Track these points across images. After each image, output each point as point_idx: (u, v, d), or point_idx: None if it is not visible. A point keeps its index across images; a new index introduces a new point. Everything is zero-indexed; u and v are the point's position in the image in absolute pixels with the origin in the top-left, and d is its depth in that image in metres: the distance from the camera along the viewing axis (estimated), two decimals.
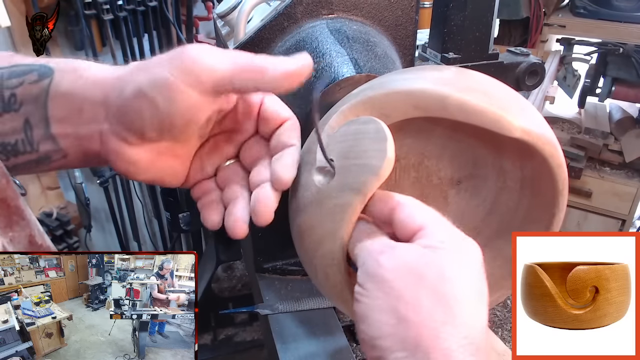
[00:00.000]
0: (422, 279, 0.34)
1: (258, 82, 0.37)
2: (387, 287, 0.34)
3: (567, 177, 0.42)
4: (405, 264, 0.34)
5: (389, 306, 0.33)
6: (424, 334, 0.32)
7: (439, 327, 0.32)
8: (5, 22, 1.22)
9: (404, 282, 0.34)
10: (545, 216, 0.45)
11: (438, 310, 0.32)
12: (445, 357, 0.31)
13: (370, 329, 0.34)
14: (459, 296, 0.33)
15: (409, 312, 0.33)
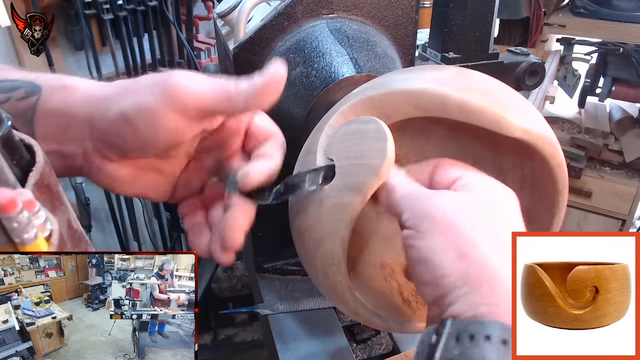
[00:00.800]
0: (476, 216, 0.35)
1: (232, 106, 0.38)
2: (445, 226, 0.35)
3: (567, 177, 0.42)
4: (459, 204, 0.36)
5: (450, 244, 0.34)
6: (486, 270, 0.33)
7: (500, 264, 0.33)
8: (5, 22, 1.22)
9: (462, 220, 0.35)
10: (545, 216, 0.45)
11: (497, 246, 0.34)
12: (506, 292, 0.32)
13: (433, 269, 0.34)
14: (507, 236, 0.35)
15: (470, 248, 0.34)
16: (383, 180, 0.38)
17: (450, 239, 0.34)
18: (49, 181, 0.31)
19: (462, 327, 0.31)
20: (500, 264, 0.33)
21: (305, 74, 0.57)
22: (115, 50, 1.62)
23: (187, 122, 0.37)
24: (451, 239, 0.34)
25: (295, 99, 0.58)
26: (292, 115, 0.59)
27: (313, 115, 0.55)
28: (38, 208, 0.27)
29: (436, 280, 0.34)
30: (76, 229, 0.34)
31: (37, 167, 0.30)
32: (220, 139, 0.43)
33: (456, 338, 0.31)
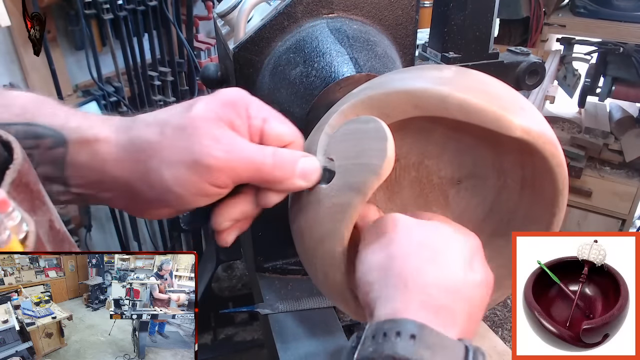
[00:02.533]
0: (412, 230, 0.39)
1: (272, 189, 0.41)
2: (381, 233, 0.39)
3: (567, 176, 0.42)
4: (399, 220, 0.40)
5: (380, 246, 0.38)
6: (406, 267, 0.36)
7: (423, 264, 0.36)
8: (5, 22, 1.22)
9: (397, 230, 0.39)
10: (546, 216, 0.45)
11: (424, 252, 0.37)
12: (420, 289, 0.35)
13: (362, 267, 0.39)
14: (444, 247, 0.38)
15: (397, 249, 0.37)
16: (383, 180, 0.38)
17: (383, 243, 0.38)
18: (27, 179, 0.30)
19: (378, 326, 0.34)
20: (426, 268, 0.36)
21: (305, 73, 0.57)
22: (115, 50, 1.62)
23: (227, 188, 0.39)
24: (384, 242, 0.38)
25: (295, 98, 0.58)
26: (292, 114, 0.59)
27: (313, 115, 0.55)
28: (12, 208, 0.26)
29: (363, 277, 0.38)
30: (59, 230, 0.33)
31: (15, 164, 0.29)
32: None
33: (372, 337, 0.34)
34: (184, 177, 0.37)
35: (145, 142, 0.38)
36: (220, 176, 0.37)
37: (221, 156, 0.37)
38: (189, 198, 0.38)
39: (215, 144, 0.37)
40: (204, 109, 0.38)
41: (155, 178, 0.38)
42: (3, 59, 1.42)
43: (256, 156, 0.38)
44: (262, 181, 0.39)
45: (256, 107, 0.41)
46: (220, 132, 0.38)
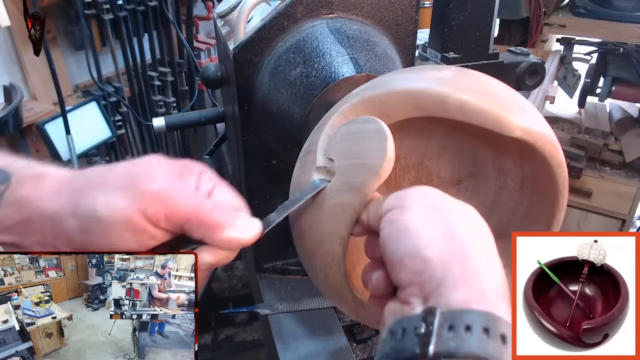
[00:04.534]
0: (462, 209, 0.35)
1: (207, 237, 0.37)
2: (431, 204, 0.34)
3: (567, 176, 0.42)
4: (443, 195, 0.36)
5: (437, 219, 0.33)
6: (475, 250, 0.32)
7: (486, 249, 0.33)
8: (5, 22, 1.22)
9: (448, 204, 0.35)
10: (546, 216, 0.45)
11: (483, 241, 0.33)
12: (493, 276, 0.31)
13: (417, 239, 0.32)
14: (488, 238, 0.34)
15: (457, 228, 0.33)
16: (383, 180, 0.38)
17: (435, 213, 0.33)
18: None
19: (455, 316, 0.29)
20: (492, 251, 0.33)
21: (305, 73, 0.57)
22: (115, 50, 1.62)
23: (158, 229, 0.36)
24: (437, 214, 0.33)
25: (295, 98, 0.58)
26: (292, 115, 0.59)
27: (313, 115, 0.55)
28: None
29: (418, 252, 0.32)
30: None
31: None
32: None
33: (449, 328, 0.28)
34: (114, 202, 0.35)
35: (93, 175, 0.37)
36: (154, 206, 0.35)
37: (160, 186, 0.36)
38: (114, 231, 0.35)
39: (160, 176, 0.36)
40: (157, 158, 0.38)
41: (85, 204, 0.35)
42: (3, 59, 1.43)
43: (197, 197, 0.37)
44: (198, 223, 0.36)
45: (209, 175, 0.40)
46: (167, 172, 0.37)
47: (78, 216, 0.35)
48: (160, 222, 0.36)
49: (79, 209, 0.35)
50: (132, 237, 0.36)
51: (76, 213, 0.35)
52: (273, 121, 0.63)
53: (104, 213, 0.35)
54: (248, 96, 0.65)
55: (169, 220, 0.36)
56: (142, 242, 0.36)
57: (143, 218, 0.35)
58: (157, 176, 0.36)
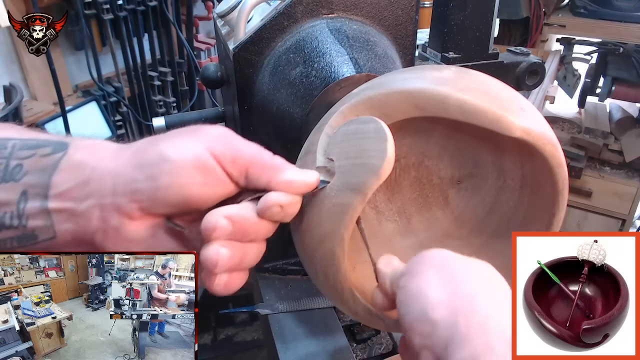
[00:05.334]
0: (471, 267, 0.35)
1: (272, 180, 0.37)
2: (439, 266, 0.35)
3: (567, 176, 0.42)
4: (453, 255, 0.36)
5: (442, 281, 0.33)
6: (480, 308, 0.31)
7: (492, 305, 0.32)
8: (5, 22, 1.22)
9: (456, 265, 0.35)
10: (546, 216, 0.45)
11: (488, 294, 0.33)
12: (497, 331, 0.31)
13: (424, 302, 0.33)
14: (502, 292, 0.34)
15: (462, 286, 0.33)
16: (383, 180, 0.38)
17: (442, 276, 0.34)
18: None
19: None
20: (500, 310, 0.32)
21: (305, 73, 0.57)
22: (115, 50, 1.62)
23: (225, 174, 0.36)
24: (443, 275, 0.34)
25: (295, 98, 0.58)
26: (292, 115, 0.59)
27: (313, 115, 0.55)
28: None
29: (425, 315, 0.32)
30: None
31: None
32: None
33: None
34: (182, 143, 0.35)
35: (149, 139, 0.37)
36: (220, 146, 0.36)
37: (222, 132, 0.37)
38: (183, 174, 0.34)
39: (220, 127, 0.37)
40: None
41: (150, 153, 0.35)
42: (3, 59, 1.43)
43: (256, 145, 0.38)
44: (262, 167, 0.37)
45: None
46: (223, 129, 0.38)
47: (144, 164, 0.35)
48: (227, 163, 0.36)
49: (145, 158, 0.35)
50: (202, 178, 0.35)
51: (141, 163, 0.35)
52: (273, 121, 0.63)
53: (173, 153, 0.35)
54: (248, 96, 0.65)
55: (235, 163, 0.36)
56: (210, 185, 0.36)
57: (212, 157, 0.35)
58: (218, 127, 0.37)
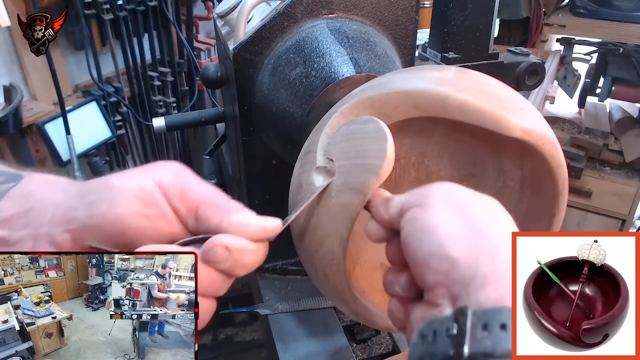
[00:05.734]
0: (486, 204, 0.33)
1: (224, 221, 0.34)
2: (454, 200, 0.33)
3: (567, 177, 0.42)
4: (466, 190, 0.34)
5: (460, 216, 0.31)
6: (502, 246, 0.30)
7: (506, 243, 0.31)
8: (5, 22, 1.22)
9: (471, 199, 0.33)
10: (545, 216, 0.45)
11: (507, 235, 0.32)
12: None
13: (441, 237, 0.31)
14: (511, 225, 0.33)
15: (483, 224, 0.31)
16: (383, 180, 0.38)
17: (460, 210, 0.32)
18: None
19: (489, 315, 0.27)
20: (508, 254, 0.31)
21: (305, 74, 0.57)
22: (115, 50, 1.62)
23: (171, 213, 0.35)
24: (461, 210, 0.32)
25: (295, 99, 0.58)
26: (292, 115, 0.59)
27: (313, 115, 0.55)
28: None
29: (443, 251, 0.30)
30: None
31: None
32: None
33: (483, 327, 0.27)
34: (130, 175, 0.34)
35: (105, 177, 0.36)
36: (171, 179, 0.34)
37: (178, 167, 0.36)
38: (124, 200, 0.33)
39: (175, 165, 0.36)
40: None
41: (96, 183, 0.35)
42: (3, 59, 1.43)
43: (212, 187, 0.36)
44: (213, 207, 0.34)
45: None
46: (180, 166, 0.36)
47: (85, 193, 0.34)
48: (175, 198, 0.34)
49: (88, 188, 0.35)
50: (143, 209, 0.33)
51: (83, 193, 0.34)
52: (273, 121, 0.63)
53: (116, 182, 0.34)
54: (248, 96, 0.65)
55: (184, 199, 0.34)
56: (152, 219, 0.34)
57: (158, 190, 0.34)
58: (176, 163, 0.36)
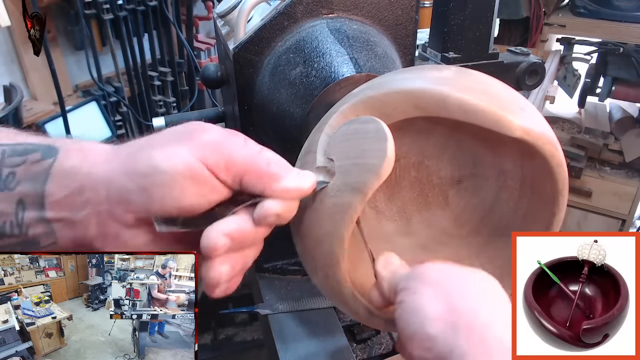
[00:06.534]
0: (467, 280, 0.37)
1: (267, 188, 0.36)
2: (434, 281, 0.37)
3: (567, 176, 0.42)
4: (449, 269, 0.38)
5: (438, 297, 0.35)
6: (477, 320, 0.34)
7: (490, 315, 0.34)
8: (5, 22, 1.22)
9: (452, 279, 0.37)
10: (546, 216, 0.45)
11: (486, 305, 0.35)
12: (496, 342, 0.33)
13: (416, 318, 0.35)
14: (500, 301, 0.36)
15: (458, 301, 0.35)
16: (383, 180, 0.38)
17: (438, 292, 0.36)
18: None
19: None
20: (494, 320, 0.34)
21: (305, 73, 0.57)
22: (115, 50, 1.62)
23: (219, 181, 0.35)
24: (440, 291, 0.36)
25: (295, 98, 0.58)
26: (292, 115, 0.59)
27: (313, 115, 0.55)
28: None
29: (424, 330, 0.34)
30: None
31: None
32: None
33: None
34: (174, 152, 0.34)
35: (142, 140, 0.36)
36: (214, 156, 0.34)
37: (217, 137, 0.35)
38: (177, 184, 0.33)
39: (214, 130, 0.36)
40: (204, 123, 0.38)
41: (143, 160, 0.34)
42: (3, 59, 1.43)
43: (251, 150, 0.37)
44: (257, 175, 0.36)
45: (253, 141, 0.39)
46: (219, 129, 0.37)
47: (136, 174, 0.34)
48: (220, 172, 0.35)
49: (137, 167, 0.34)
50: (196, 189, 0.34)
51: (134, 172, 0.34)
52: (273, 121, 0.63)
53: (165, 165, 0.34)
54: (248, 96, 0.65)
55: (229, 171, 0.35)
56: (204, 195, 0.35)
57: (205, 167, 0.34)
58: (212, 129, 0.36)
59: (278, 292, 0.76)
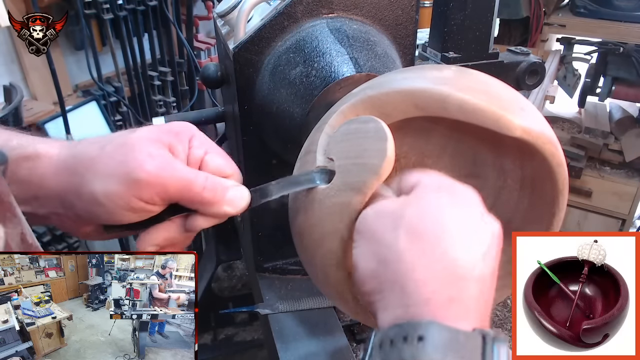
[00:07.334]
0: (399, 220, 0.35)
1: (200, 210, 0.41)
2: (368, 234, 0.37)
3: (567, 176, 0.42)
4: (384, 211, 0.37)
5: (370, 251, 0.36)
6: (399, 270, 0.34)
7: (415, 260, 0.33)
8: (5, 22, 1.22)
9: (383, 226, 0.36)
10: (546, 216, 0.45)
11: (414, 246, 0.34)
12: (418, 286, 0.33)
13: (358, 276, 0.37)
14: (439, 231, 0.34)
15: (386, 253, 0.35)
16: (383, 180, 0.38)
17: (371, 247, 0.36)
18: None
19: (383, 335, 0.32)
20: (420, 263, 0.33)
21: (305, 73, 0.57)
22: (115, 50, 1.62)
23: (155, 205, 0.40)
24: (372, 246, 0.36)
25: (295, 98, 0.58)
26: (292, 114, 0.59)
27: (313, 115, 0.55)
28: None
29: (361, 287, 0.36)
30: (31, 244, 0.34)
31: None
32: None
33: (379, 346, 0.32)
34: (112, 190, 0.38)
35: (85, 157, 0.40)
36: (148, 191, 0.38)
37: (152, 170, 0.38)
38: (116, 212, 0.39)
39: (149, 159, 0.39)
40: (146, 131, 0.41)
41: (86, 190, 0.39)
42: (3, 59, 1.43)
43: (188, 175, 0.40)
44: (190, 201, 0.40)
45: (200, 139, 0.43)
46: (156, 150, 0.39)
47: (81, 200, 0.39)
48: (156, 202, 0.39)
49: (81, 193, 0.39)
50: (134, 215, 0.39)
51: (79, 197, 0.39)
52: (273, 121, 0.63)
53: (104, 200, 0.38)
54: (248, 96, 0.65)
55: (164, 200, 0.40)
56: (142, 216, 0.40)
57: (140, 201, 0.39)
58: (146, 161, 0.38)
59: (278, 292, 0.76)
